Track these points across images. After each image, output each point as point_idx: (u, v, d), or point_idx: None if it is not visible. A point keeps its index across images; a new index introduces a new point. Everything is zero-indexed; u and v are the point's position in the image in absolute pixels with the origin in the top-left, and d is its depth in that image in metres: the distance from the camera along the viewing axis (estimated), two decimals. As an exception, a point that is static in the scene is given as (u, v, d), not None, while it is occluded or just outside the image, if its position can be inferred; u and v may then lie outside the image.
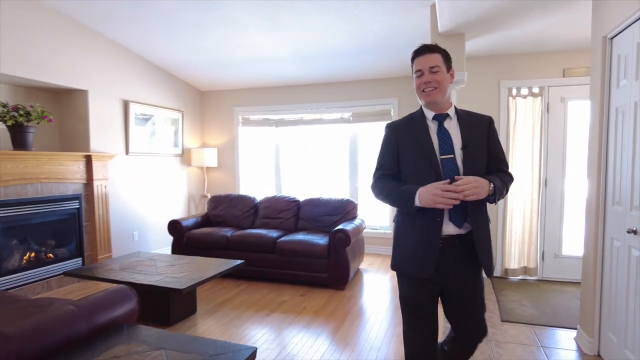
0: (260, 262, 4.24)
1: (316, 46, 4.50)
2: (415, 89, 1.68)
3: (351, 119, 5.55)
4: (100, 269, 3.21)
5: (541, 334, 2.97)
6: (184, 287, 2.67)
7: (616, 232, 2.38)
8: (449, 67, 1.66)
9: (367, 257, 5.27)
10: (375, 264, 4.98)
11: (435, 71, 1.61)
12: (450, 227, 1.61)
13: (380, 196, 1.73)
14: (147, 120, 5.13)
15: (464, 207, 1.57)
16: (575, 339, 2.86)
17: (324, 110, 5.67)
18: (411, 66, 1.70)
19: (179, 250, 4.62)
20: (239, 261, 3.37)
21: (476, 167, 1.60)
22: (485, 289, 1.78)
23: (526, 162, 4.17)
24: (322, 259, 4.03)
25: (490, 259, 1.67)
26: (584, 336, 2.71)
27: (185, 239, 4.57)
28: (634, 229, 2.13)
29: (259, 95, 5.97)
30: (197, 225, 4.84)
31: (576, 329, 2.91)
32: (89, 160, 4.32)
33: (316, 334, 3.01)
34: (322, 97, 5.66)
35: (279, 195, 5.06)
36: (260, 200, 5.09)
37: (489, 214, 1.73)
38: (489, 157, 1.67)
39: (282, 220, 4.78)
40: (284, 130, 5.95)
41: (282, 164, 6.00)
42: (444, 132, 1.64)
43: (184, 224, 4.66)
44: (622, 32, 2.33)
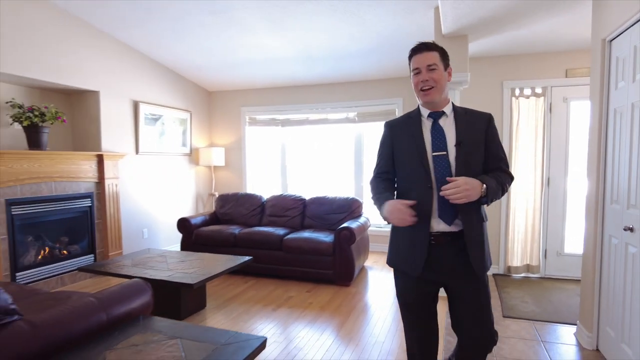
0: (267, 259, 4.34)
1: (321, 47, 4.58)
2: (413, 87, 1.67)
3: (356, 118, 5.63)
4: (113, 265, 3.32)
5: (542, 329, 3.04)
6: (195, 282, 2.77)
7: (614, 229, 2.44)
8: (446, 65, 1.64)
9: (372, 255, 5.35)
10: (380, 262, 5.06)
11: (432, 69, 1.59)
12: (440, 225, 1.60)
13: (371, 197, 1.77)
14: (156, 120, 5.24)
15: (454, 204, 1.54)
16: (575, 334, 2.93)
17: (329, 110, 5.76)
18: (409, 64, 1.67)
19: (188, 247, 4.74)
20: (247, 257, 3.47)
21: (469, 164, 1.58)
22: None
23: (529, 162, 4.23)
24: (327, 256, 4.12)
25: (482, 258, 1.61)
26: (583, 331, 2.78)
27: (194, 236, 4.68)
28: (631, 226, 2.20)
29: (265, 95, 6.07)
30: (206, 223, 4.95)
31: (576, 324, 2.98)
32: (100, 159, 4.44)
33: (322, 329, 3.10)
34: (327, 97, 5.74)
35: (285, 194, 5.16)
36: (267, 198, 5.19)
37: (490, 212, 1.78)
38: (487, 155, 1.63)
39: (289, 218, 4.88)
40: (290, 130, 6.04)
41: (288, 163, 6.10)
42: (437, 130, 1.63)
43: (193, 221, 4.77)
44: (621, 35, 2.39)
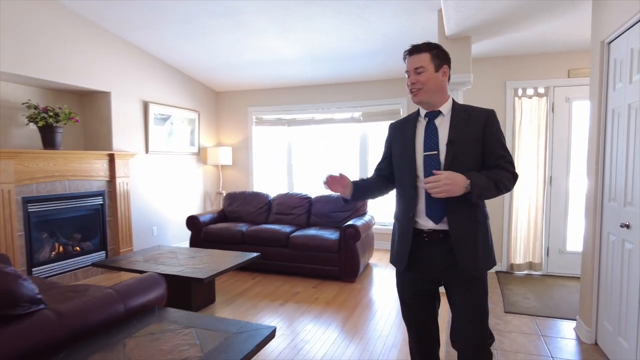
0: (274, 256, 4.45)
1: (327, 48, 4.67)
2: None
3: (361, 118, 5.72)
4: (125, 261, 3.44)
5: (542, 324, 3.11)
6: (205, 277, 2.88)
7: (612, 226, 2.51)
8: (439, 65, 1.61)
9: (377, 253, 5.44)
10: (384, 259, 5.14)
11: (419, 72, 1.59)
12: (429, 222, 1.61)
13: None
14: (165, 120, 5.36)
15: (444, 202, 1.56)
16: (574, 329, 3.00)
17: (334, 110, 5.85)
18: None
19: (197, 244, 4.85)
20: (255, 254, 3.57)
21: (460, 163, 1.56)
22: (488, 290, 1.69)
23: (531, 161, 4.29)
24: (333, 253, 4.22)
25: (472, 257, 1.58)
26: (582, 326, 2.85)
27: (202, 233, 4.80)
28: (627, 223, 2.27)
29: (272, 95, 6.17)
30: (214, 220, 5.06)
31: (576, 319, 3.05)
32: (111, 158, 4.56)
33: (327, 323, 3.20)
34: (332, 97, 5.83)
35: (291, 192, 5.26)
36: (273, 197, 5.29)
37: (493, 210, 1.77)
38: (485, 153, 1.60)
39: (295, 216, 4.98)
40: (296, 129, 6.14)
41: (294, 162, 6.20)
42: (430, 129, 1.64)
43: (202, 219, 4.89)
44: (618, 38, 2.46)
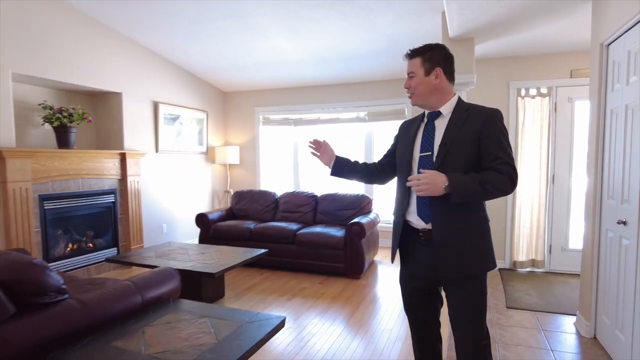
0: (281, 253, 4.55)
1: (333, 50, 4.76)
2: None
3: (366, 118, 5.81)
4: (138, 256, 3.56)
5: (543, 319, 3.19)
6: (216, 272, 2.99)
7: (610, 223, 2.59)
8: (430, 68, 1.62)
9: (382, 250, 5.53)
10: (389, 256, 5.22)
11: (411, 77, 1.66)
12: (420, 222, 1.64)
13: None
14: (174, 120, 5.48)
15: (433, 202, 1.58)
16: (574, 323, 3.07)
17: (340, 109, 5.94)
18: None
19: (206, 241, 4.97)
20: (263, 250, 3.68)
21: (450, 164, 1.56)
22: (491, 287, 1.69)
23: (534, 160, 4.36)
24: (338, 250, 4.31)
25: (456, 259, 1.58)
26: (582, 320, 2.92)
27: (211, 230, 4.91)
28: (624, 220, 2.35)
29: (278, 95, 6.28)
30: (222, 218, 5.18)
31: (576, 315, 3.12)
32: (123, 157, 4.69)
33: (333, 317, 3.30)
34: (338, 97, 5.93)
35: (297, 190, 5.36)
36: (280, 195, 5.39)
37: (496, 208, 1.73)
38: (481, 153, 1.57)
39: (301, 214, 5.08)
40: (303, 129, 6.24)
41: (300, 161, 6.31)
42: (428, 130, 1.67)
43: (211, 217, 5.01)
44: (617, 40, 2.53)
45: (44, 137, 4.23)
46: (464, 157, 1.57)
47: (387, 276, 4.41)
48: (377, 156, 5.83)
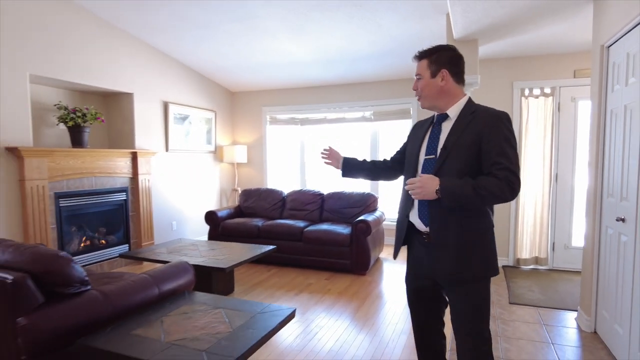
0: (288, 250, 4.66)
1: (339, 51, 4.85)
2: None
3: (372, 117, 5.89)
4: (150, 252, 3.67)
5: (545, 314, 3.27)
6: (227, 267, 3.09)
7: (610, 221, 2.66)
8: (436, 70, 1.61)
9: (387, 248, 5.61)
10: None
11: (418, 79, 1.66)
12: (421, 224, 1.65)
13: None
14: (184, 119, 5.60)
15: (432, 206, 1.59)
16: (576, 318, 3.15)
17: (346, 109, 6.03)
18: None
19: (215, 238, 5.09)
20: (272, 247, 3.78)
21: (448, 168, 1.56)
22: (494, 284, 1.69)
23: (537, 159, 4.43)
24: (345, 247, 4.41)
25: (447, 263, 1.58)
26: (583, 315, 3.00)
27: (220, 228, 5.03)
28: (622, 217, 2.42)
29: (285, 95, 6.38)
30: (231, 216, 5.29)
31: (577, 310, 3.20)
32: (134, 156, 4.81)
33: (340, 311, 3.39)
34: (344, 97, 6.02)
35: (304, 189, 5.46)
36: (287, 193, 5.50)
37: (500, 206, 1.67)
38: (482, 158, 1.54)
39: (308, 212, 5.18)
40: (309, 128, 6.34)
41: (306, 160, 6.41)
42: (434, 133, 1.67)
43: (219, 214, 5.12)
44: (617, 42, 2.60)
45: (58, 136, 4.35)
46: (462, 160, 1.55)
47: (392, 273, 4.50)
48: (382, 155, 5.92)
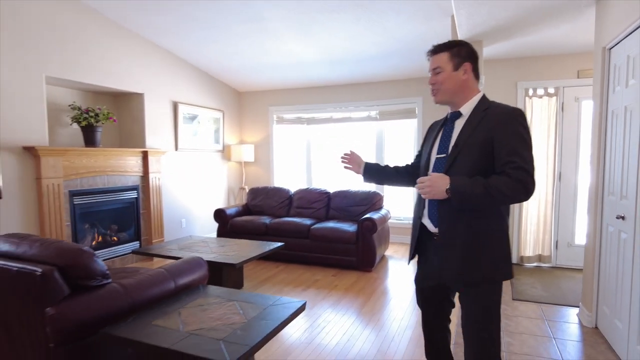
0: (295, 247, 4.76)
1: (345, 51, 4.94)
2: None
3: (377, 117, 5.97)
4: (162, 249, 3.77)
5: (547, 310, 3.34)
6: (238, 262, 3.19)
7: (610, 218, 2.73)
8: (459, 63, 1.58)
9: (392, 245, 5.70)
10: (399, 252, 5.40)
11: (437, 72, 1.60)
12: (431, 225, 1.63)
13: None
14: (193, 119, 5.71)
15: (441, 206, 1.56)
16: (577, 314, 3.22)
17: (352, 109, 6.11)
18: None
19: (224, 235, 5.20)
20: (280, 243, 3.87)
21: (458, 167, 1.52)
22: (499, 299, 1.58)
23: (541, 158, 4.49)
24: (351, 244, 4.50)
25: (455, 265, 1.54)
26: (584, 311, 3.07)
27: (229, 225, 5.14)
28: (622, 215, 2.49)
29: (292, 95, 6.47)
30: (239, 213, 5.40)
31: (579, 306, 3.27)
32: (145, 155, 4.92)
33: (346, 307, 3.48)
34: (350, 96, 6.10)
35: (311, 187, 5.55)
36: (294, 192, 5.59)
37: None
38: (495, 156, 1.48)
39: (315, 210, 5.27)
40: (315, 127, 6.43)
41: (313, 159, 6.50)
42: (445, 132, 1.65)
43: (228, 212, 5.23)
44: (618, 44, 2.66)
45: (71, 136, 4.47)
46: (476, 159, 1.50)
47: (397, 270, 4.59)
48: (387, 153, 6.00)
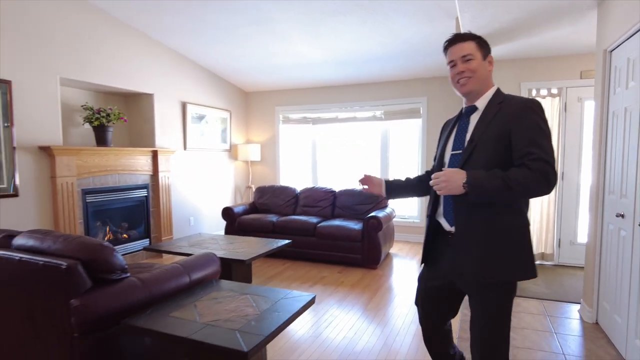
0: (302, 244, 4.85)
1: (351, 53, 5.02)
2: (450, 81, 1.61)
3: (383, 116, 6.05)
4: (174, 245, 3.87)
5: (549, 306, 3.42)
6: (247, 259, 3.28)
7: (611, 217, 2.80)
8: (485, 54, 1.54)
9: (397, 244, 5.78)
10: (404, 250, 5.48)
11: (468, 59, 1.51)
12: (446, 224, 1.60)
13: None
14: (200, 119, 5.81)
15: (456, 204, 1.51)
16: (579, 310, 3.29)
17: (357, 109, 6.20)
18: (445, 57, 1.61)
19: (231, 233, 5.30)
20: (287, 241, 3.96)
21: (474, 162, 1.47)
22: (511, 303, 1.52)
23: (544, 157, 4.55)
24: (356, 242, 4.59)
25: (470, 264, 1.48)
26: (585, 307, 3.14)
27: (237, 223, 5.24)
28: (622, 213, 2.56)
29: (298, 95, 6.56)
30: (246, 212, 5.50)
31: (580, 302, 3.34)
32: (154, 154, 5.03)
33: (352, 303, 3.57)
34: (355, 97, 6.18)
35: (316, 186, 5.64)
36: (300, 190, 5.68)
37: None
38: (512, 149, 1.42)
39: (320, 208, 5.36)
40: (321, 127, 6.52)
41: (318, 158, 6.59)
42: (460, 127, 1.60)
43: (236, 210, 5.33)
44: (619, 47, 2.73)
45: (83, 135, 4.58)
46: (492, 154, 1.45)
47: (402, 267, 4.67)
48: (392, 153, 6.08)
